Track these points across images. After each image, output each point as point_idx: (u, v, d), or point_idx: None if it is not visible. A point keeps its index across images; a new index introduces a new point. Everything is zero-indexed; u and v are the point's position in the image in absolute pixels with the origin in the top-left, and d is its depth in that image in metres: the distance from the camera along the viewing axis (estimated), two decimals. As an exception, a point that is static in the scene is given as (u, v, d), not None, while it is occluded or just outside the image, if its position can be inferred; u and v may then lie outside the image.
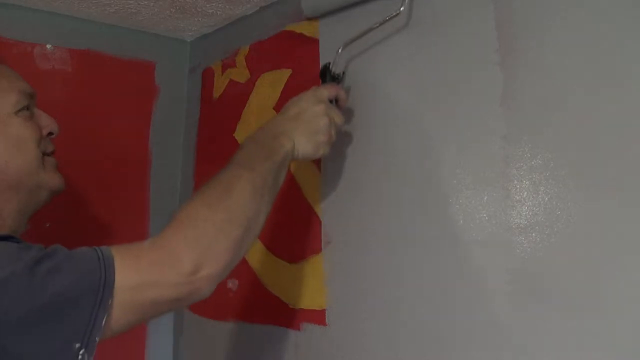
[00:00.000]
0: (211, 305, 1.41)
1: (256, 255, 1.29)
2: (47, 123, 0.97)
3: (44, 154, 0.95)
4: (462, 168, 0.92)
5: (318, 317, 1.13)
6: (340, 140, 1.11)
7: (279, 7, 1.33)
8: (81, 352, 0.72)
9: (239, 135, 1.39)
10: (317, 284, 1.14)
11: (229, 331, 1.34)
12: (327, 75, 1.06)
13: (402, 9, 0.99)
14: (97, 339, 0.74)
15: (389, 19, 1.01)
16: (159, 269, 0.78)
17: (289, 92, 1.26)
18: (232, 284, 1.35)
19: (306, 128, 0.96)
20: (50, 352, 0.72)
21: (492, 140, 0.88)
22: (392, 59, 1.05)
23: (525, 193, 0.84)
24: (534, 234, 0.83)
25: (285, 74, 1.28)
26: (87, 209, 1.45)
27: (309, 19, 1.21)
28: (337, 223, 1.12)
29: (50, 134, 0.98)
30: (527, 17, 0.86)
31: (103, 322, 0.73)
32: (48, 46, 1.41)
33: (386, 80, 1.06)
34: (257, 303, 1.27)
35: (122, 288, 0.75)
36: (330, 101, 1.02)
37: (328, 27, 1.19)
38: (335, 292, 1.11)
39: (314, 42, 1.21)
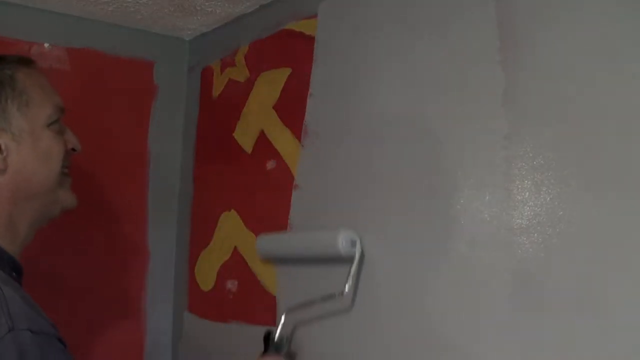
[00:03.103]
0: (210, 307, 1.41)
1: (256, 257, 1.28)
2: (72, 139, 1.01)
3: (64, 168, 0.98)
4: (464, 168, 0.92)
5: (318, 317, 1.13)
6: (347, 145, 1.11)
7: (278, 6, 1.32)
8: None
9: (238, 134, 1.39)
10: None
11: (229, 332, 1.33)
12: (269, 344, 1.07)
13: (346, 290, 1.00)
14: None
15: (331, 298, 1.03)
16: None
17: (289, 91, 1.25)
18: (232, 285, 1.34)
19: None
20: None
21: (493, 140, 0.88)
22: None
23: (527, 193, 0.83)
24: (535, 235, 0.82)
25: (284, 72, 1.27)
26: (85, 209, 1.44)
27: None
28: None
29: (73, 150, 1.01)
30: (528, 15, 0.86)
31: None
32: (46, 45, 1.40)
33: (387, 81, 1.05)
34: (256, 304, 1.26)
35: None
36: None
37: (327, 26, 1.18)
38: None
39: (313, 41, 1.21)
